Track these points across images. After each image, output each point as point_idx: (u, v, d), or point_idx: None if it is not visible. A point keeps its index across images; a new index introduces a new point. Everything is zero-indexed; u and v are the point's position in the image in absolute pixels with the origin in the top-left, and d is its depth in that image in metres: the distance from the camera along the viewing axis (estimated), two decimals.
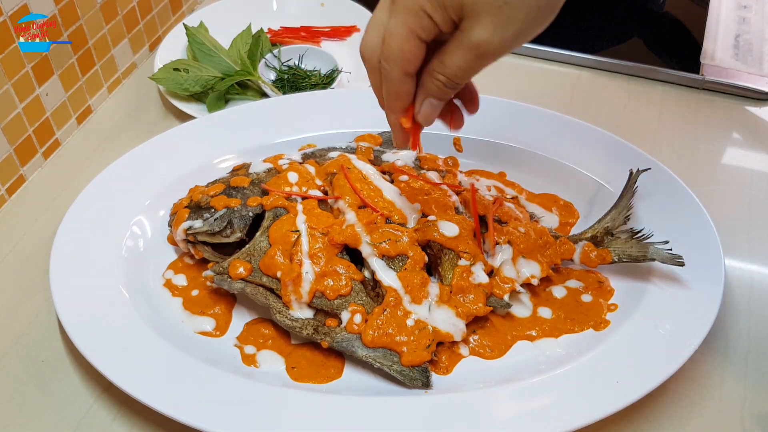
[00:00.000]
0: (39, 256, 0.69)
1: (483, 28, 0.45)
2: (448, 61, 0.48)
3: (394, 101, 0.51)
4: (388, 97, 0.51)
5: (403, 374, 0.57)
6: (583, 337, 0.61)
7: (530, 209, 0.71)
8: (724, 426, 0.56)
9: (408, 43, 0.47)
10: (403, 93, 0.51)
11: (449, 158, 0.75)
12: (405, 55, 0.48)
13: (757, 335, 0.62)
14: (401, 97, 0.51)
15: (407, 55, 0.48)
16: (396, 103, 0.51)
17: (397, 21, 0.47)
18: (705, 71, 0.88)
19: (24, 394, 0.59)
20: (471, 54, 0.47)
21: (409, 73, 0.49)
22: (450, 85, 0.50)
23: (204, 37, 0.87)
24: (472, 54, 0.47)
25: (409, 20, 0.46)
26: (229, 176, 0.70)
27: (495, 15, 0.44)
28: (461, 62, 0.47)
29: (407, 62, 0.48)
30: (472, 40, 0.46)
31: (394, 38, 0.47)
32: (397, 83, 0.50)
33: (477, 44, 0.46)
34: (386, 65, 0.49)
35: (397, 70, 0.49)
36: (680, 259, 0.61)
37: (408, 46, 0.47)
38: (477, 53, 0.46)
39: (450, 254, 0.62)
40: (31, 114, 0.75)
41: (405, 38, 0.47)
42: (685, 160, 0.78)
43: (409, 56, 0.48)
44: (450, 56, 0.48)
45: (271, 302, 0.60)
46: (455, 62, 0.48)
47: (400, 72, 0.49)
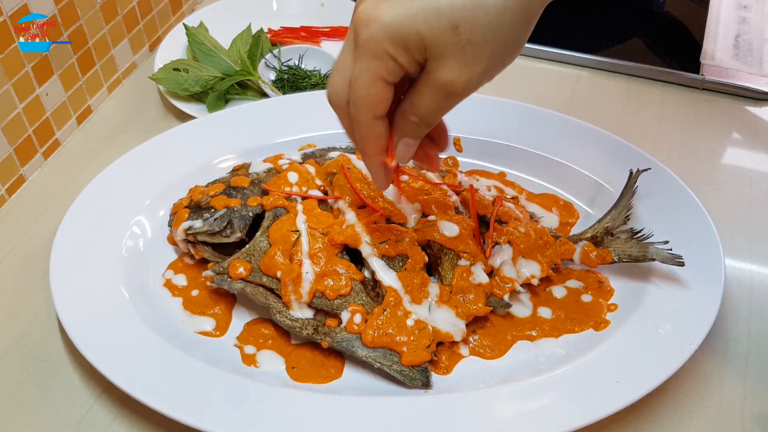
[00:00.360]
0: (39, 256, 0.69)
1: (449, 68, 0.44)
2: (419, 102, 0.47)
3: (367, 145, 0.50)
4: (361, 141, 0.50)
5: (403, 374, 0.57)
6: (583, 337, 0.61)
7: (530, 209, 0.71)
8: (724, 426, 0.56)
9: (374, 87, 0.46)
10: (375, 136, 0.49)
11: (449, 158, 0.75)
12: (372, 99, 0.47)
13: (757, 335, 0.62)
14: (374, 141, 0.50)
15: (374, 98, 0.47)
16: (369, 147, 0.50)
17: (362, 66, 0.45)
18: (705, 71, 0.88)
19: (24, 394, 0.59)
20: (440, 95, 0.46)
21: (379, 117, 0.48)
22: (423, 125, 0.49)
23: (204, 37, 0.87)
24: (440, 95, 0.46)
25: (374, 65, 0.45)
26: (229, 176, 0.70)
27: (459, 55, 0.44)
28: (431, 103, 0.47)
29: (376, 106, 0.47)
30: (439, 82, 0.45)
31: (360, 83, 0.46)
32: (368, 128, 0.49)
33: (444, 85, 0.45)
34: (355, 111, 0.48)
35: (366, 115, 0.48)
36: (680, 259, 0.61)
37: (375, 90, 0.46)
38: (445, 93, 0.46)
39: (450, 254, 0.62)
40: (31, 114, 0.75)
41: (371, 83, 0.46)
42: (685, 160, 0.78)
43: (377, 100, 0.47)
44: (420, 97, 0.47)
45: (271, 302, 0.60)
46: (425, 103, 0.47)
47: (370, 117, 0.48)
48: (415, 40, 0.43)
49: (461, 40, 0.43)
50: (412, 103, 0.48)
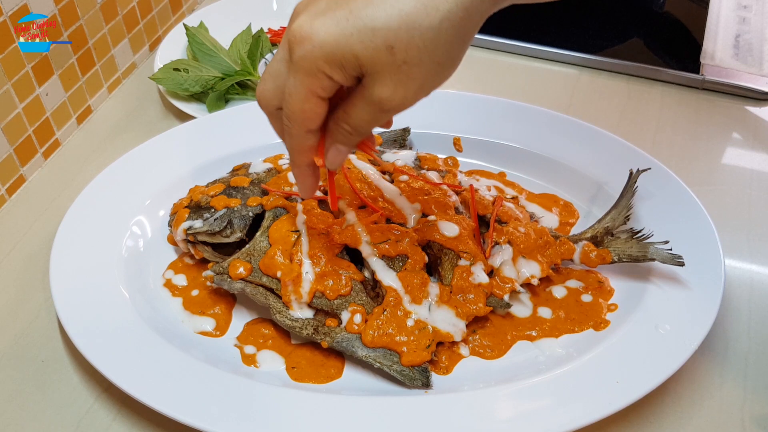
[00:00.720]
0: (39, 256, 0.69)
1: (384, 86, 0.45)
2: (353, 113, 0.48)
3: (296, 156, 0.51)
4: (292, 151, 0.51)
5: (403, 374, 0.57)
6: (583, 337, 0.61)
7: (530, 209, 0.71)
8: (724, 426, 0.56)
9: (308, 102, 0.46)
10: (305, 148, 0.50)
11: (449, 158, 0.75)
12: (306, 114, 0.47)
13: (757, 335, 0.62)
14: (304, 152, 0.50)
15: (308, 113, 0.47)
16: (299, 158, 0.51)
17: (296, 81, 0.46)
18: (705, 71, 0.88)
19: (24, 394, 0.59)
20: (373, 109, 0.47)
21: (311, 130, 0.49)
22: (355, 134, 0.49)
23: (204, 37, 0.87)
24: (374, 109, 0.47)
25: (308, 81, 0.45)
26: (229, 176, 0.70)
27: (394, 74, 0.44)
28: (365, 115, 0.47)
29: (309, 121, 0.48)
30: (373, 97, 0.45)
31: (294, 98, 0.46)
32: (300, 139, 0.49)
33: (379, 101, 0.46)
34: (287, 123, 0.48)
35: (299, 128, 0.48)
36: (680, 259, 0.61)
37: (308, 105, 0.47)
38: (379, 109, 0.46)
39: (450, 254, 0.62)
40: (31, 114, 0.75)
41: (304, 98, 0.46)
42: (685, 160, 0.78)
43: (311, 115, 0.47)
44: (354, 109, 0.47)
45: (271, 302, 0.60)
46: (359, 115, 0.47)
47: (302, 130, 0.48)
48: (350, 59, 0.44)
49: (396, 60, 0.43)
50: (346, 112, 0.48)
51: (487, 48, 0.94)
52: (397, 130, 0.76)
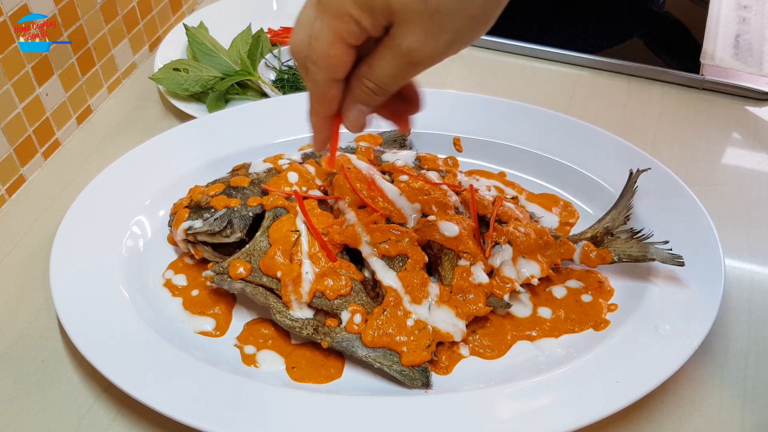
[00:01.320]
0: (39, 256, 0.69)
1: (414, 35, 0.42)
2: (377, 68, 0.45)
3: (319, 105, 0.49)
4: (314, 100, 0.49)
5: (403, 374, 0.57)
6: (583, 337, 0.61)
7: (530, 209, 0.71)
8: (724, 426, 0.56)
9: (334, 48, 0.44)
10: (328, 98, 0.48)
11: (449, 158, 0.75)
12: (331, 60, 0.45)
13: (757, 335, 0.62)
14: (326, 102, 0.48)
15: (333, 60, 0.45)
16: (321, 107, 0.49)
17: (322, 24, 0.44)
18: (705, 71, 0.88)
19: (24, 394, 0.59)
20: (401, 61, 0.44)
21: (336, 79, 0.47)
22: (379, 92, 0.47)
23: (204, 37, 0.87)
24: (402, 61, 0.44)
25: (335, 24, 0.43)
26: (229, 176, 0.70)
27: (426, 23, 0.42)
28: (391, 69, 0.45)
29: (334, 68, 0.45)
30: (402, 48, 0.43)
31: (320, 42, 0.44)
32: (323, 88, 0.47)
33: (407, 52, 0.43)
34: (312, 68, 0.46)
35: (323, 75, 0.46)
36: (680, 259, 0.61)
37: (334, 51, 0.44)
38: (407, 61, 0.44)
39: (450, 254, 0.62)
40: (31, 114, 0.75)
41: (330, 43, 0.44)
42: (685, 160, 0.78)
43: (336, 61, 0.45)
44: (379, 62, 0.45)
45: (271, 302, 0.60)
46: (384, 69, 0.45)
47: (326, 78, 0.46)
48: (381, 3, 0.41)
49: (429, 8, 0.41)
50: (371, 67, 0.46)
51: (487, 48, 0.94)
52: (397, 130, 0.76)
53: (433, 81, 0.89)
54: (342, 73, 0.46)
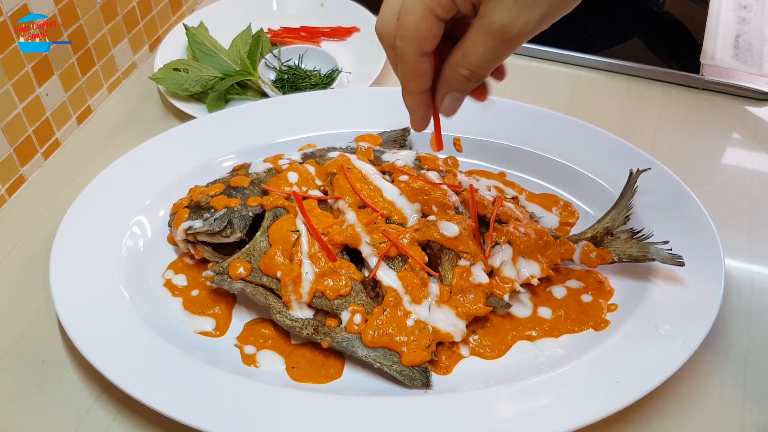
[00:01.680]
0: (39, 256, 0.69)
1: (505, 9, 0.42)
2: (471, 51, 0.45)
3: (410, 82, 0.49)
4: (404, 78, 0.48)
5: (403, 374, 0.57)
6: (583, 337, 0.61)
7: (530, 209, 0.71)
8: (724, 426, 0.56)
9: (424, 20, 0.44)
10: (419, 73, 0.47)
11: (449, 158, 0.75)
12: (421, 34, 0.45)
13: (757, 335, 0.62)
14: (418, 78, 0.48)
15: (423, 33, 0.45)
16: (412, 84, 0.49)
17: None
18: (705, 71, 0.88)
19: (24, 394, 0.59)
20: (494, 40, 0.44)
21: (426, 53, 0.46)
22: (474, 78, 0.47)
23: (204, 37, 0.87)
24: (495, 40, 0.44)
25: None
26: (229, 176, 0.70)
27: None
28: (484, 50, 0.45)
29: (423, 41, 0.45)
30: (494, 24, 0.43)
31: (410, 16, 0.45)
32: (413, 62, 0.47)
33: (500, 28, 0.43)
34: (401, 44, 0.46)
35: (413, 49, 0.46)
36: (680, 259, 0.61)
37: (424, 23, 0.44)
38: (501, 38, 0.43)
39: (450, 254, 0.62)
40: (31, 114, 0.75)
41: (421, 16, 0.44)
42: (685, 160, 0.78)
43: (426, 34, 0.45)
44: (472, 46, 0.45)
45: (271, 302, 0.60)
46: (478, 51, 0.45)
47: (416, 51, 0.46)
48: None
49: None
50: (464, 53, 0.46)
51: None
52: (397, 130, 0.76)
53: None
54: (430, 46, 0.46)
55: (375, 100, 0.79)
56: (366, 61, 0.89)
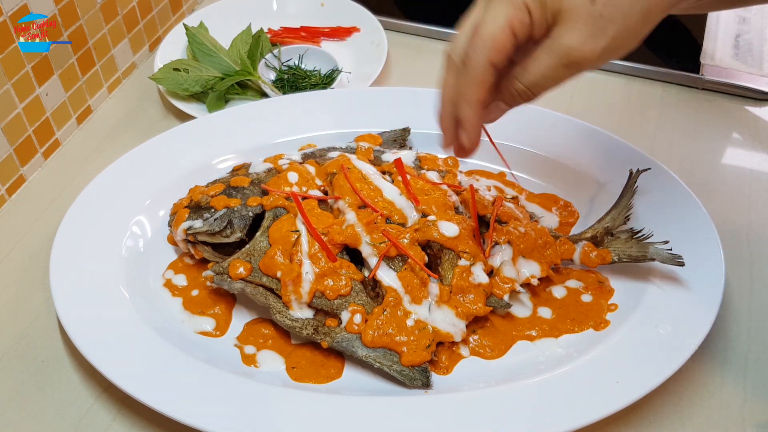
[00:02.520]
0: (39, 256, 0.69)
1: (576, 33, 0.46)
2: (532, 67, 0.48)
3: (471, 89, 0.49)
4: (467, 86, 0.49)
5: (403, 374, 0.57)
6: (583, 337, 0.61)
7: (530, 209, 0.71)
8: (724, 426, 0.56)
9: (503, 32, 0.47)
10: (483, 80, 0.49)
11: (449, 158, 0.75)
12: (497, 44, 0.47)
13: (757, 336, 0.62)
14: (480, 86, 0.49)
15: (498, 43, 0.47)
16: (473, 91, 0.49)
17: (496, 10, 0.47)
18: (705, 71, 0.88)
19: (24, 394, 0.59)
20: (558, 60, 0.47)
21: (494, 64, 0.48)
22: (525, 92, 0.50)
23: (204, 37, 0.87)
24: (559, 60, 0.47)
25: (510, 11, 0.47)
26: (229, 176, 0.70)
27: (590, 24, 0.46)
28: (545, 68, 0.48)
29: (496, 51, 0.48)
30: (562, 45, 0.46)
31: (489, 25, 0.47)
32: (481, 70, 0.48)
33: (567, 50, 0.46)
34: (472, 53, 0.48)
35: (484, 56, 0.48)
36: (680, 259, 0.61)
37: (503, 35, 0.47)
38: (564, 60, 0.47)
39: (450, 254, 0.62)
40: (31, 114, 0.75)
41: (501, 27, 0.47)
42: (685, 160, 0.78)
43: (500, 45, 0.47)
44: (534, 62, 0.48)
45: (271, 302, 0.60)
46: (539, 68, 0.48)
47: (487, 60, 0.48)
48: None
49: (595, 10, 0.45)
50: (525, 68, 0.49)
51: None
52: (397, 130, 0.76)
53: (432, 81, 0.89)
54: (501, 57, 0.48)
55: (375, 100, 0.79)
56: (366, 61, 0.89)
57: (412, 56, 0.93)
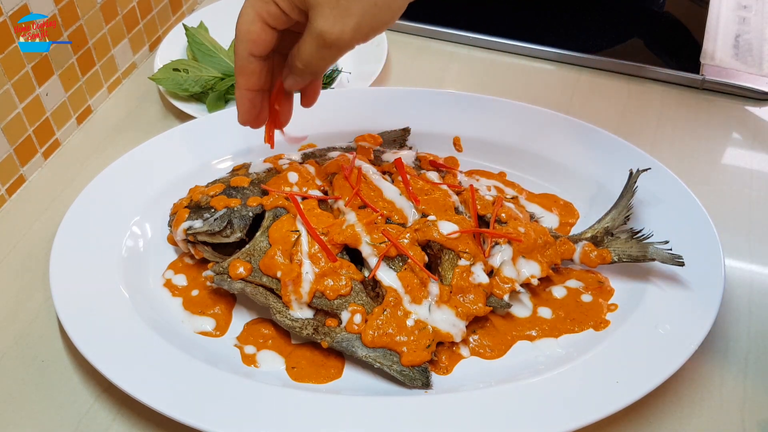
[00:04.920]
0: (39, 256, 0.69)
1: (324, 19, 0.49)
2: (301, 48, 0.52)
3: (239, 77, 0.54)
4: (236, 72, 0.55)
5: (403, 374, 0.57)
6: (583, 337, 0.61)
7: (530, 209, 0.71)
8: (724, 426, 0.56)
9: (253, 25, 0.51)
10: (247, 72, 0.54)
11: (449, 158, 0.75)
12: (250, 36, 0.51)
13: (757, 335, 0.62)
14: (246, 75, 0.54)
15: (252, 36, 0.51)
16: (241, 79, 0.54)
17: (247, 3, 0.51)
18: (705, 71, 0.88)
19: (24, 394, 0.59)
20: (317, 43, 0.50)
21: (255, 55, 0.52)
22: (307, 71, 0.53)
23: (204, 37, 0.87)
24: (317, 43, 0.50)
25: (257, 5, 0.50)
26: (229, 176, 0.70)
27: (334, 8, 0.49)
28: (311, 50, 0.51)
29: (252, 44, 0.52)
30: (315, 30, 0.50)
31: (242, 19, 0.51)
32: (243, 61, 0.53)
33: (320, 34, 0.50)
34: (236, 43, 0.53)
35: (243, 49, 0.52)
36: (680, 259, 0.61)
37: (254, 27, 0.51)
38: (322, 43, 0.50)
39: (450, 254, 0.62)
40: (31, 114, 0.75)
41: (251, 21, 0.51)
42: (685, 160, 0.78)
43: (255, 38, 0.51)
44: (302, 44, 0.52)
45: (271, 302, 0.60)
46: (306, 50, 0.51)
47: (245, 52, 0.52)
48: None
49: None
50: (297, 48, 0.52)
51: (487, 48, 0.94)
52: (397, 130, 0.76)
53: (432, 81, 0.89)
54: (260, 49, 0.52)
55: (375, 100, 0.79)
56: (366, 61, 0.89)
57: (412, 56, 0.93)
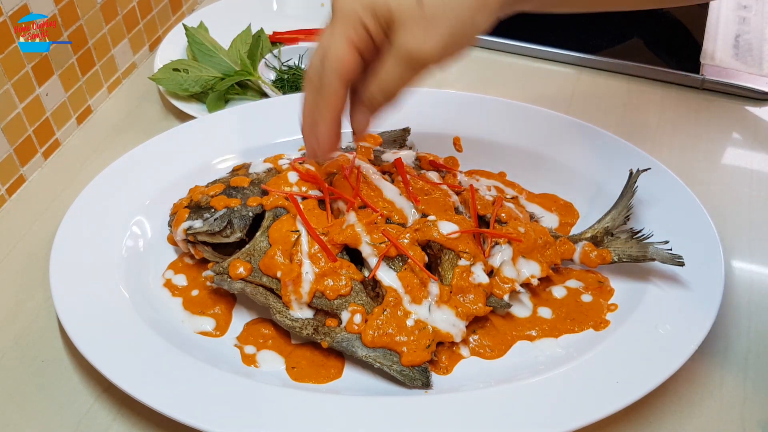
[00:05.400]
0: (39, 256, 0.69)
1: (412, 36, 0.49)
2: (382, 73, 0.51)
3: (328, 109, 0.53)
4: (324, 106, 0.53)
5: (403, 374, 0.57)
6: (583, 337, 0.61)
7: (530, 209, 0.71)
8: (724, 426, 0.56)
9: (346, 52, 0.50)
10: (337, 100, 0.53)
11: (449, 158, 0.75)
12: (344, 65, 0.50)
13: (757, 335, 0.62)
14: (335, 106, 0.53)
15: (346, 64, 0.50)
16: (329, 111, 0.53)
17: (336, 31, 0.50)
18: (705, 71, 0.88)
19: (24, 394, 0.59)
20: (402, 63, 0.50)
21: (345, 82, 0.52)
22: (382, 97, 0.53)
23: (204, 37, 0.87)
24: (403, 63, 0.50)
25: (347, 30, 0.50)
26: (229, 176, 0.70)
27: (422, 25, 0.48)
28: (393, 71, 0.50)
29: (346, 71, 0.51)
30: (402, 49, 0.49)
31: (332, 48, 0.50)
32: (335, 90, 0.52)
33: (407, 52, 0.49)
34: (325, 74, 0.52)
35: (336, 77, 0.51)
36: (680, 259, 0.61)
37: (347, 55, 0.50)
38: (408, 61, 0.50)
39: (450, 254, 0.62)
40: (31, 114, 0.75)
41: (344, 47, 0.50)
42: (685, 160, 0.78)
43: (347, 65, 0.51)
44: (383, 67, 0.51)
45: (271, 302, 0.60)
46: (389, 72, 0.51)
47: (338, 80, 0.51)
48: (383, 8, 0.49)
49: (425, 13, 0.48)
50: (376, 75, 0.52)
51: (487, 48, 0.94)
52: (397, 130, 0.76)
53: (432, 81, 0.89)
54: (351, 75, 0.52)
55: None
56: None
57: None
